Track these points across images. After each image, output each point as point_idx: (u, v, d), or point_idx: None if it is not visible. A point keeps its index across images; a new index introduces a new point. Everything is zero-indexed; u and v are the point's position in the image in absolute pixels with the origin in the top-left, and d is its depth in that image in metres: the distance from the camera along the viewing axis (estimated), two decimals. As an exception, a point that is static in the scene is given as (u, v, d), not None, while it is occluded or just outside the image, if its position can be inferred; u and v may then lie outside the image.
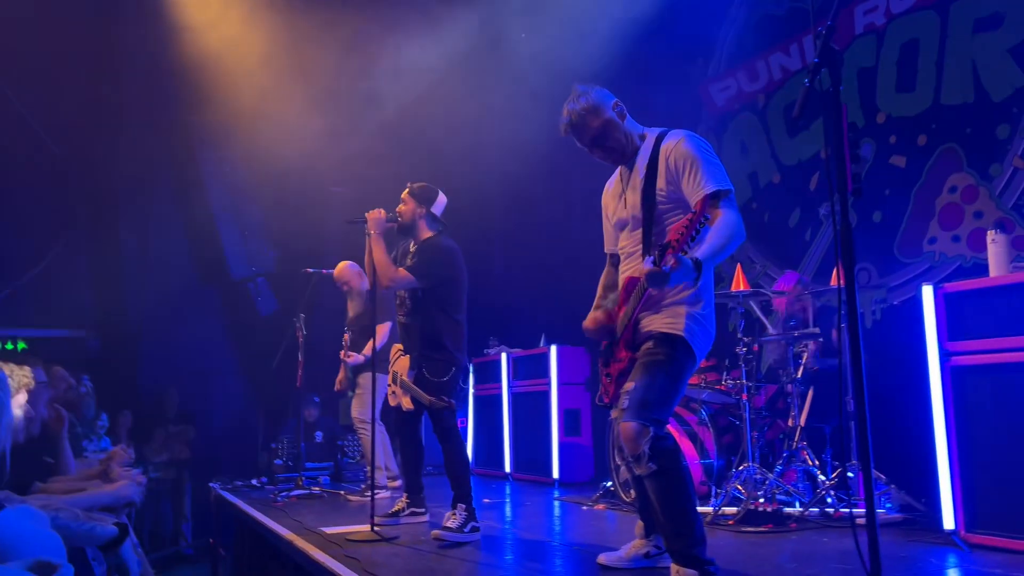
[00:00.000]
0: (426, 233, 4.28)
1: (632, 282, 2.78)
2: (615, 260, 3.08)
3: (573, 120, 2.83)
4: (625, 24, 7.20)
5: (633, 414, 2.61)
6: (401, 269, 4.12)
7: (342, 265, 6.21)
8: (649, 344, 2.71)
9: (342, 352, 6.01)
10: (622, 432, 2.64)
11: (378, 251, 4.07)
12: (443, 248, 4.21)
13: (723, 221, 2.60)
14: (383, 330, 5.67)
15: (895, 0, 5.36)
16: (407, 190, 4.32)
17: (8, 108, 7.92)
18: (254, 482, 6.75)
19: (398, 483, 5.75)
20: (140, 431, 7.88)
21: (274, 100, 7.60)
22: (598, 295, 3.08)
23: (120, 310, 8.61)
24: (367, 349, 5.76)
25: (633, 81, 6.73)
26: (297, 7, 7.77)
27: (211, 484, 6.73)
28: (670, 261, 2.34)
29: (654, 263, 2.41)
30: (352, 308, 6.26)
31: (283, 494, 5.77)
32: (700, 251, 2.48)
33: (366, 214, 4.17)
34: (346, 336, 6.05)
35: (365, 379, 5.83)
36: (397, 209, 4.28)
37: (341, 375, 6.15)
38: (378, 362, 4.91)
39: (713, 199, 2.63)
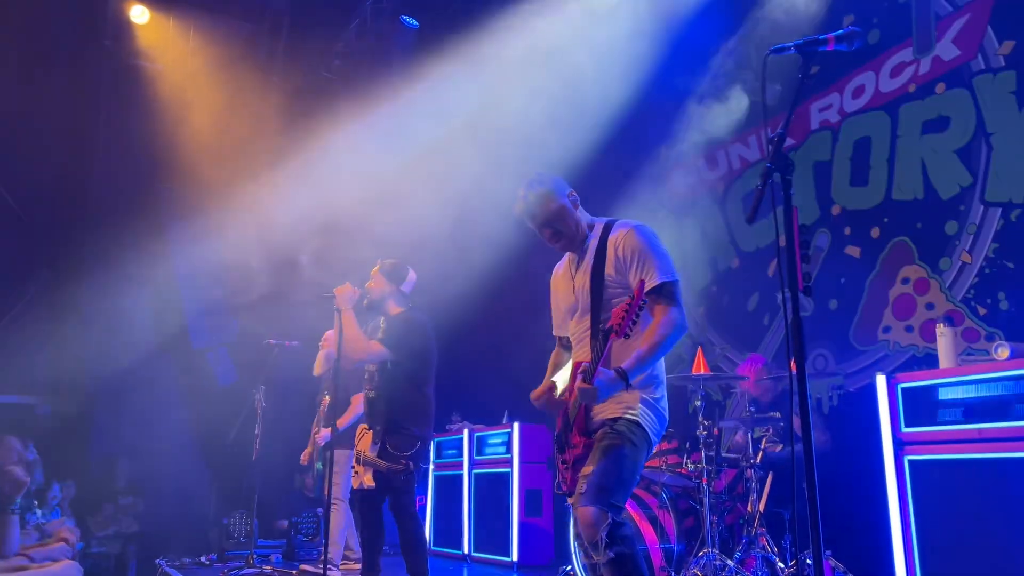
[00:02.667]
0: (395, 310, 4.31)
1: (580, 367, 2.81)
2: (564, 342, 3.13)
3: (529, 203, 2.91)
4: (594, 111, 7.46)
5: (591, 498, 2.61)
6: (374, 342, 4.13)
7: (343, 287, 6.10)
8: (606, 428, 2.74)
9: (315, 425, 5.81)
10: (580, 517, 2.63)
11: (349, 325, 4.07)
12: (415, 321, 4.25)
13: (661, 323, 2.69)
14: (358, 401, 5.48)
15: (848, 100, 5.64)
16: (377, 267, 4.36)
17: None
18: (203, 559, 6.53)
19: (355, 566, 5.60)
20: (87, 503, 7.60)
21: (245, 170, 7.67)
22: (548, 373, 3.10)
23: (74, 377, 8.41)
24: (342, 420, 5.58)
25: (598, 167, 6.93)
26: (272, 81, 7.94)
27: (157, 561, 6.49)
28: (602, 375, 2.58)
29: (584, 380, 2.60)
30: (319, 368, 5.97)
31: (233, 573, 5.59)
32: (631, 359, 2.63)
33: (335, 289, 4.19)
34: (325, 401, 5.85)
35: (340, 456, 5.62)
36: (367, 286, 4.31)
37: (310, 448, 5.93)
38: (347, 438, 4.88)
39: (657, 293, 2.71)
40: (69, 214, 8.39)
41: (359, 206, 7.86)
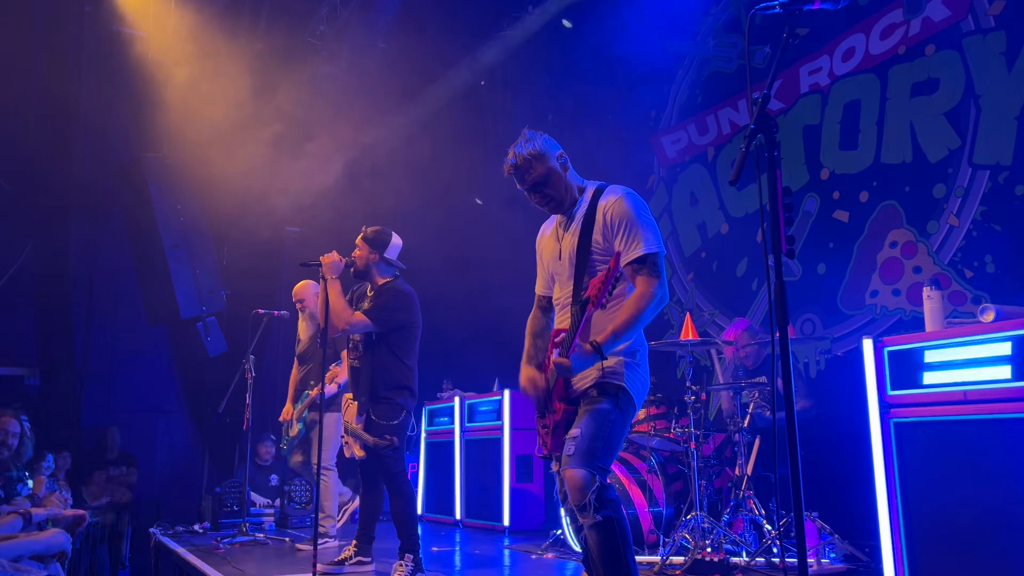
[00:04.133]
0: (381, 279, 4.29)
1: (558, 334, 2.81)
2: (542, 303, 3.12)
3: (518, 163, 2.87)
4: (584, 77, 7.40)
5: (579, 461, 2.62)
6: (357, 312, 4.11)
7: (302, 284, 5.92)
8: (593, 391, 2.74)
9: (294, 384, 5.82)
10: (568, 480, 2.64)
11: (333, 294, 4.05)
12: (400, 293, 4.23)
13: (639, 295, 2.69)
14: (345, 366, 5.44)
15: (838, 63, 5.59)
16: (361, 235, 4.33)
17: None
18: (196, 527, 6.56)
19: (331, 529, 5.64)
20: (80, 473, 7.63)
21: (231, 139, 7.59)
22: (527, 343, 3.08)
23: (64, 347, 8.39)
24: (333, 376, 5.58)
25: (587, 131, 6.88)
26: (261, 50, 7.82)
27: (151, 529, 6.53)
28: (577, 349, 2.60)
29: (561, 353, 2.64)
30: (304, 331, 5.97)
31: (226, 540, 5.62)
32: (606, 334, 2.64)
33: (321, 257, 4.16)
34: (296, 369, 5.82)
35: (330, 420, 5.57)
36: (353, 254, 4.28)
37: (289, 406, 5.87)
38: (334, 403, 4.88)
39: (640, 263, 2.70)
40: (54, 184, 8.30)
41: (345, 174, 7.82)
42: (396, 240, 4.35)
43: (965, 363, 3.37)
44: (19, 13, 7.35)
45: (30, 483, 6.28)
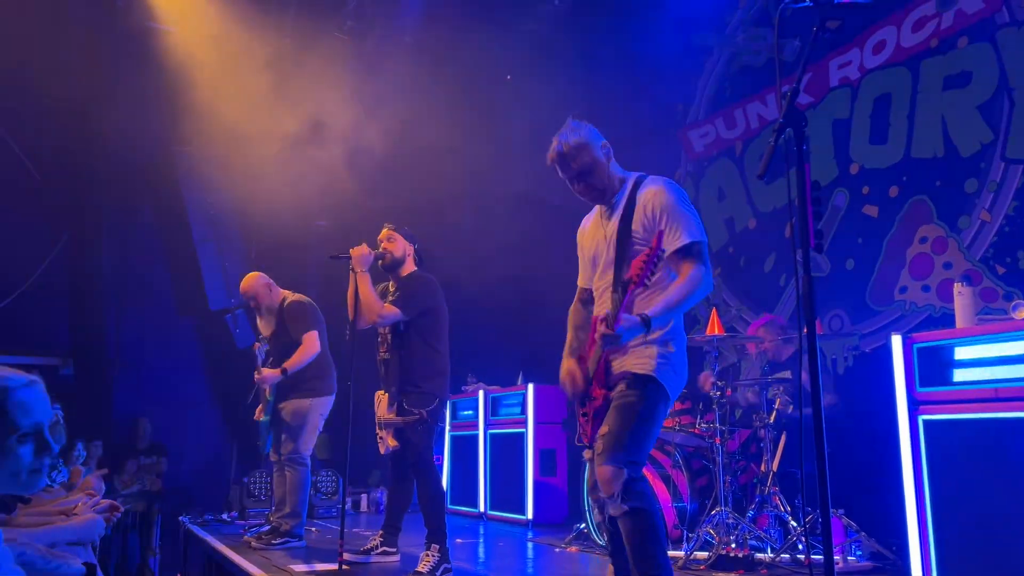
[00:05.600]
0: (411, 268, 4.35)
1: (597, 320, 2.82)
2: (584, 295, 3.13)
3: (564, 151, 2.87)
4: (608, 69, 7.37)
5: (609, 456, 2.64)
6: (387, 304, 4.15)
7: (249, 277, 5.39)
8: (622, 386, 2.75)
9: (256, 371, 5.18)
10: (599, 474, 2.67)
11: (364, 287, 4.09)
12: (425, 278, 4.31)
13: (688, 277, 2.69)
14: (312, 339, 5.05)
15: (869, 56, 5.52)
16: (389, 229, 4.37)
17: (-9, 133, 7.93)
18: (225, 516, 6.66)
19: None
20: (111, 462, 7.76)
21: (260, 133, 7.66)
22: (569, 336, 3.10)
23: (97, 338, 8.54)
24: (291, 362, 5.02)
25: (612, 124, 6.85)
26: (288, 45, 7.88)
27: (181, 518, 6.64)
28: (624, 321, 2.57)
29: (607, 326, 2.59)
30: (264, 327, 5.42)
31: (253, 530, 5.70)
32: (654, 307, 2.64)
33: (351, 250, 4.20)
34: (256, 347, 5.35)
35: (299, 407, 5.11)
36: (384, 246, 4.32)
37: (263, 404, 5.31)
38: (315, 384, 4.94)
39: (685, 252, 2.70)
40: (87, 178, 8.44)
41: (374, 168, 7.86)
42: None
43: (997, 360, 3.33)
44: (54, 7, 7.47)
45: (65, 471, 6.41)
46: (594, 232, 3.03)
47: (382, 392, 4.34)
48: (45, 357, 8.40)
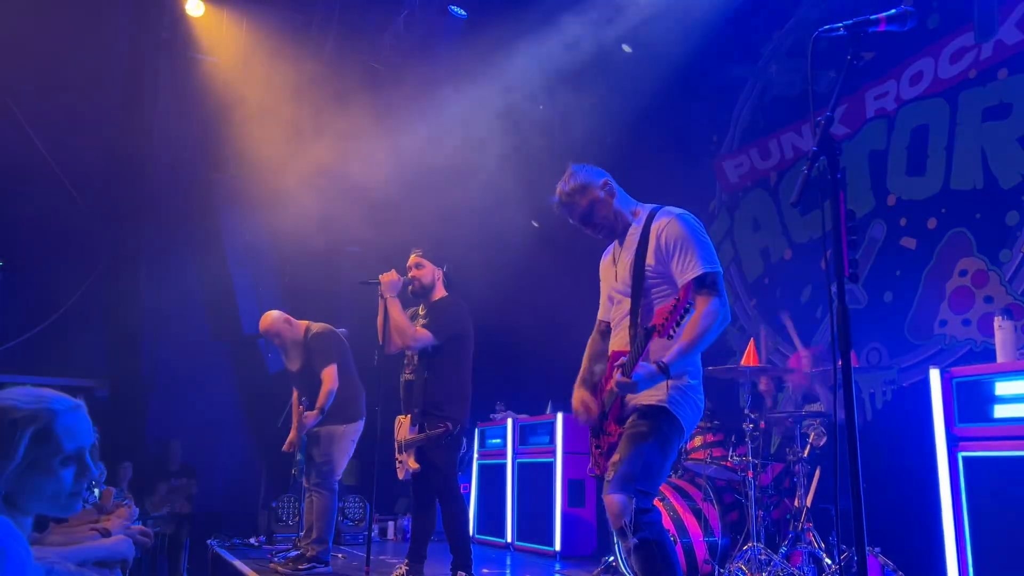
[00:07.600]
0: (441, 293, 4.37)
1: (616, 356, 2.81)
2: (602, 327, 3.13)
3: (562, 200, 2.98)
4: (643, 100, 7.40)
5: (617, 487, 2.61)
6: (420, 328, 4.18)
7: (267, 317, 5.38)
8: (633, 417, 2.74)
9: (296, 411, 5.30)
10: (607, 505, 2.65)
11: (395, 312, 4.13)
12: (458, 303, 4.35)
13: (703, 313, 2.68)
14: (330, 374, 5.05)
15: (905, 87, 5.47)
16: (418, 254, 4.40)
17: (35, 157, 8.14)
18: (252, 541, 6.67)
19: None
20: (142, 483, 7.84)
21: (295, 161, 7.79)
22: (583, 367, 3.10)
23: (132, 361, 8.66)
24: (322, 399, 5.04)
25: (649, 156, 6.86)
26: (322, 72, 8.04)
27: (209, 541, 6.66)
28: (642, 369, 2.59)
29: (623, 374, 2.61)
30: (291, 363, 5.42)
31: (280, 555, 5.69)
32: (671, 352, 2.63)
33: (380, 276, 4.23)
34: (295, 395, 5.40)
35: (332, 433, 5.11)
36: (413, 273, 4.35)
37: (293, 435, 5.29)
38: (346, 410, 4.96)
39: (699, 283, 2.69)
40: (127, 203, 8.63)
41: (406, 195, 7.94)
42: None
43: (1040, 397, 3.23)
44: (101, 36, 7.71)
45: (96, 491, 6.47)
46: (610, 265, 3.07)
47: (403, 416, 4.34)
48: (81, 379, 8.54)
